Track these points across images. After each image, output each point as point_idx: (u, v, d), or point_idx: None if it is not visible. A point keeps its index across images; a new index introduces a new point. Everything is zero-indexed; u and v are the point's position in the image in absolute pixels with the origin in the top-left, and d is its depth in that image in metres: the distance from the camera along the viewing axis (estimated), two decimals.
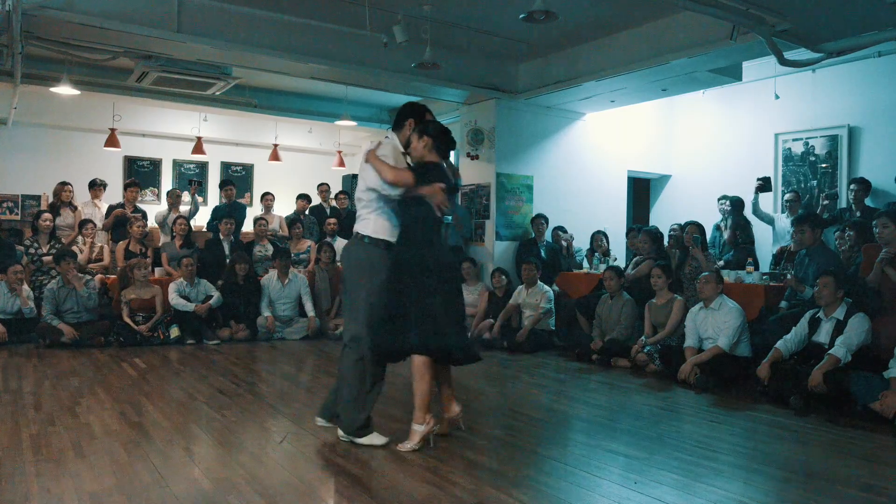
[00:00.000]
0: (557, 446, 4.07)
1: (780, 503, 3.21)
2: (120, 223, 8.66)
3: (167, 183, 11.21)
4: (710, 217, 8.46)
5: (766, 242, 8.26)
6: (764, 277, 6.61)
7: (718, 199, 8.52)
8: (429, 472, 3.41)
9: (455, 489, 3.19)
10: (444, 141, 3.92)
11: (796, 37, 6.12)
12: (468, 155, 9.07)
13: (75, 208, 8.83)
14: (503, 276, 8.11)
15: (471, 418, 4.58)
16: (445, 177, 3.83)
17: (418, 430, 3.74)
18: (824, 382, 4.79)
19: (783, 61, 6.42)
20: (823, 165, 8.31)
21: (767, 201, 8.35)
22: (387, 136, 4.15)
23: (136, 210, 8.94)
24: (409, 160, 3.99)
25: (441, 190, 3.72)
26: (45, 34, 6.50)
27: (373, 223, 3.92)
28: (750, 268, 6.79)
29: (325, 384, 5.73)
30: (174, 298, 7.54)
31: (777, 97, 8.45)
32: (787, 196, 8.14)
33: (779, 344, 5.29)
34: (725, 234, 8.15)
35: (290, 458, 3.65)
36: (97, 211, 9.03)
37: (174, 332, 7.41)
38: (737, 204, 8.09)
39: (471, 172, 9.12)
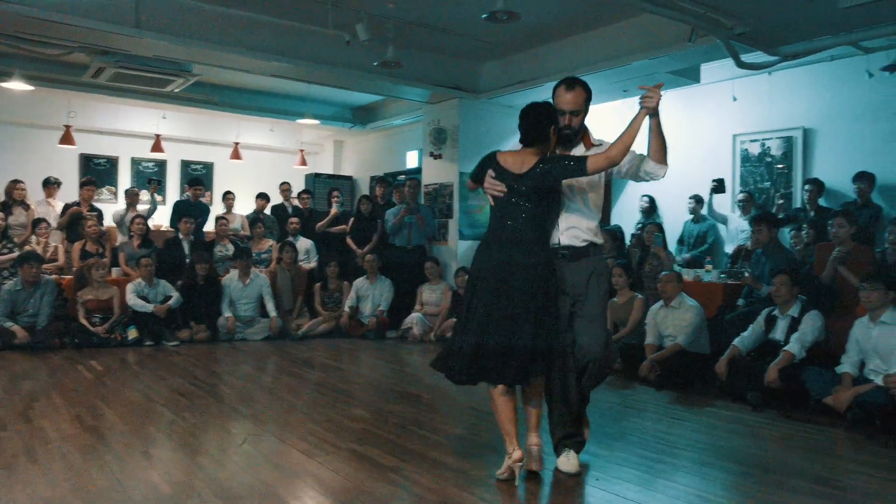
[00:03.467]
0: (520, 445, 4.08)
1: (737, 497, 3.26)
2: (75, 222, 8.46)
3: (125, 181, 10.99)
4: (670, 216, 8.58)
5: (720, 242, 8.47)
6: (722, 276, 6.73)
7: (688, 198, 8.65)
8: (391, 472, 3.40)
9: (417, 489, 3.18)
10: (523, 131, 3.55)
11: (753, 40, 6.24)
12: (431, 154, 9.07)
13: (28, 207, 8.60)
14: (466, 276, 8.11)
15: (434, 418, 4.59)
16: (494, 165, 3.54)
17: (506, 460, 3.33)
18: (780, 378, 4.90)
19: (740, 64, 6.55)
20: (779, 166, 8.48)
21: (723, 201, 8.50)
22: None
23: (93, 209, 8.74)
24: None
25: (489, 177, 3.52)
26: None
27: None
28: (708, 266, 6.91)
29: (287, 384, 5.69)
30: (132, 299, 7.39)
31: (735, 99, 8.60)
32: (740, 196, 8.32)
33: (736, 341, 5.40)
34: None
35: (251, 460, 3.61)
36: (51, 210, 8.81)
37: (132, 333, 7.26)
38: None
39: (434, 172, 9.13)
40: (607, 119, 9.99)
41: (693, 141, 9.50)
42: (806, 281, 5.66)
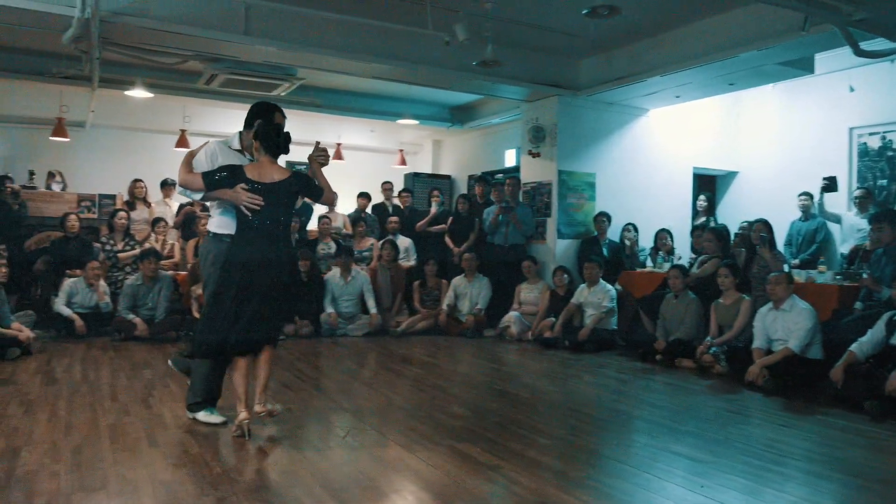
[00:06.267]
0: (620, 447, 4.02)
1: None
2: (190, 221, 8.94)
3: None
4: (780, 215, 8.19)
5: (831, 241, 8.04)
6: (837, 277, 6.38)
7: (799, 196, 8.26)
8: (490, 471, 3.41)
9: (517, 488, 3.18)
10: (270, 142, 4.04)
11: (873, 26, 5.87)
12: (529, 153, 9.03)
13: (150, 204, 9.19)
14: (565, 275, 8.05)
15: (533, 418, 4.58)
16: (245, 179, 3.91)
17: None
18: None
19: (859, 52, 6.18)
20: None
21: (835, 199, 8.05)
22: (232, 136, 4.39)
23: (205, 209, 9.19)
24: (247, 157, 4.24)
25: (242, 190, 3.88)
26: (120, 40, 6.75)
27: (217, 219, 4.17)
28: (822, 267, 6.56)
29: (387, 380, 5.81)
30: None
31: (852, 90, 8.14)
32: (857, 193, 7.84)
33: (853, 346, 5.10)
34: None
35: (353, 453, 3.71)
36: (168, 209, 9.35)
37: None
38: None
39: (532, 170, 9.09)
40: (714, 111, 9.71)
41: (803, 135, 9.09)
42: None
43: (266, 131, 4.06)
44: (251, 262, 3.89)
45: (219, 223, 4.17)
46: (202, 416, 4.17)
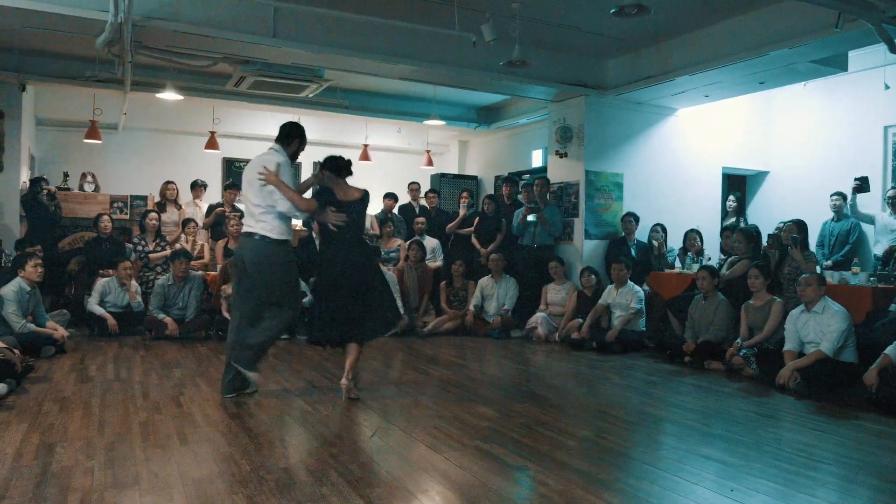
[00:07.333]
0: (648, 449, 3.99)
1: None
2: (220, 222, 9.04)
3: None
4: (812, 215, 8.06)
5: (864, 242, 7.91)
6: (871, 279, 6.27)
7: (831, 196, 8.12)
8: (517, 472, 3.41)
9: (544, 489, 3.17)
10: (337, 168, 4.95)
11: None
12: (556, 153, 8.99)
13: (180, 206, 9.31)
14: (592, 276, 8.00)
15: (560, 419, 4.56)
16: (334, 200, 4.89)
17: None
18: None
19: (894, 49, 6.06)
20: None
21: (867, 200, 7.89)
22: (272, 148, 4.97)
23: (235, 209, 9.30)
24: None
25: (330, 212, 4.83)
26: (152, 43, 6.85)
27: (276, 226, 4.82)
28: (856, 268, 6.45)
29: (414, 380, 5.82)
30: None
31: (887, 87, 7.97)
32: (891, 193, 7.69)
33: (888, 350, 5.00)
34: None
35: (380, 453, 3.73)
36: (198, 210, 9.46)
37: None
38: None
39: (559, 170, 9.05)
40: (744, 110, 9.59)
41: (836, 134, 8.95)
42: None
43: (332, 161, 4.95)
44: (338, 263, 4.83)
45: (280, 230, 4.82)
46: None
